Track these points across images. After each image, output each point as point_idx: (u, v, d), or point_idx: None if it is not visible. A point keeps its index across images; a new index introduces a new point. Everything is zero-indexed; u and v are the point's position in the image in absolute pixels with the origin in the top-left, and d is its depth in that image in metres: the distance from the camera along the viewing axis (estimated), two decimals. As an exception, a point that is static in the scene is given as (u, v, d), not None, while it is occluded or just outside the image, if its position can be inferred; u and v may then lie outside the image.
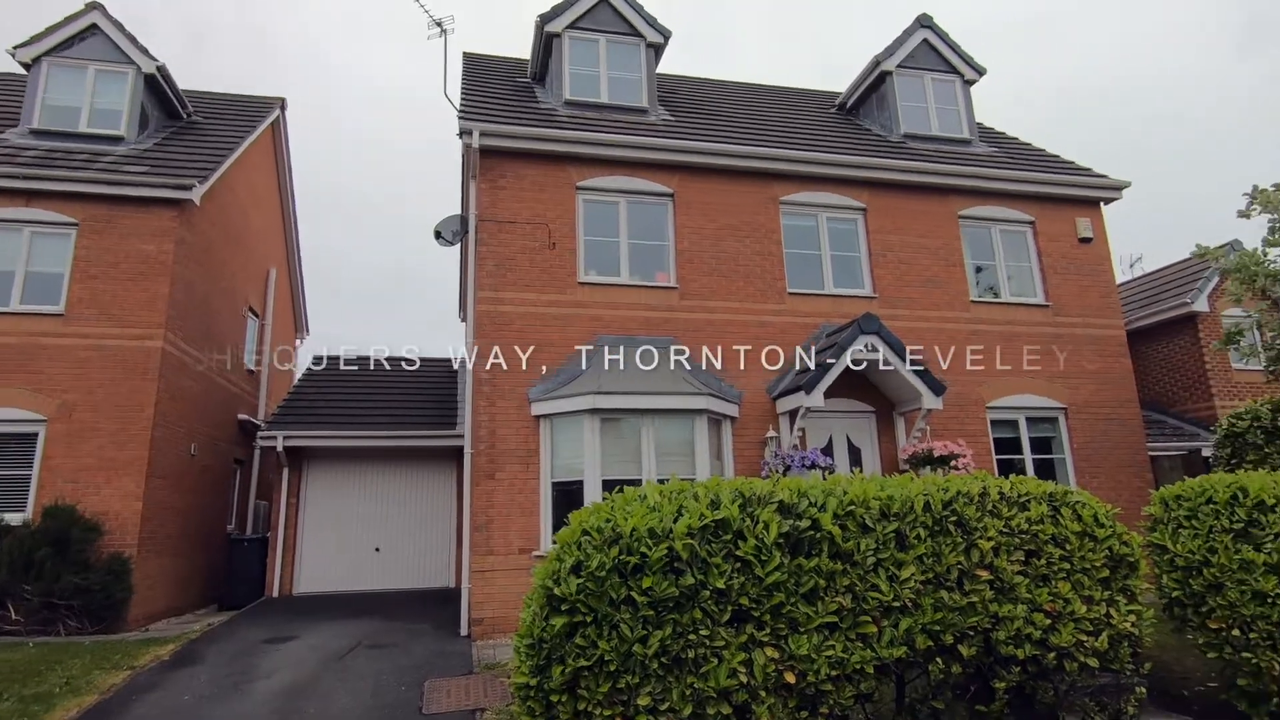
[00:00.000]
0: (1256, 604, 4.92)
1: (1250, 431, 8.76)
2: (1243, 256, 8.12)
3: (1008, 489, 4.60)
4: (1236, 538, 5.13)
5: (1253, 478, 5.27)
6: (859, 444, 9.40)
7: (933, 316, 9.97)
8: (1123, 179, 10.95)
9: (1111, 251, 10.91)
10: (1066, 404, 10.10)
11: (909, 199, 10.40)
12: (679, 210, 9.54)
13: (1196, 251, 8.48)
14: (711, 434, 8.58)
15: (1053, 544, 4.46)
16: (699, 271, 9.37)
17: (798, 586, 3.98)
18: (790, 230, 9.97)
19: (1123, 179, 10.95)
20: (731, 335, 9.24)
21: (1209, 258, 8.36)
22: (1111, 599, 4.47)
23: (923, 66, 12.14)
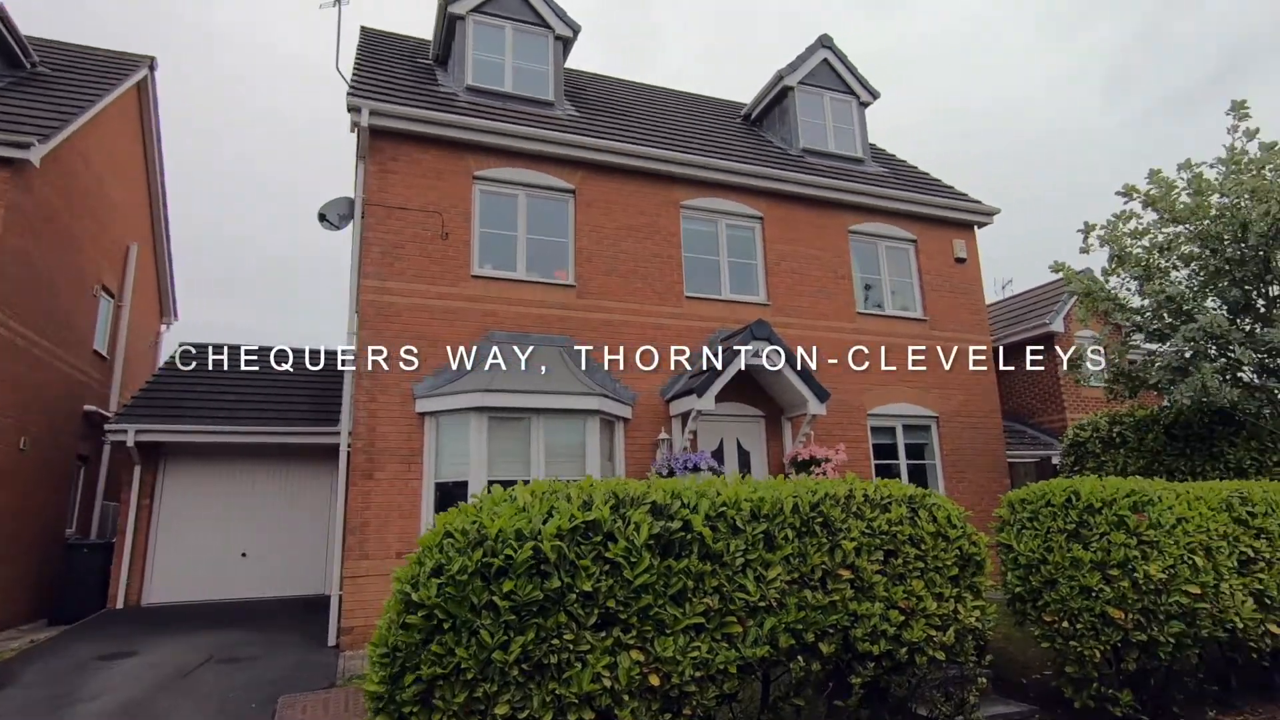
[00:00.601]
0: (1083, 598, 5.38)
1: (1090, 441, 9.65)
2: (1088, 283, 8.93)
3: (871, 491, 4.80)
4: (1069, 537, 5.60)
5: (1085, 482, 5.77)
6: (749, 448, 9.63)
7: (821, 326, 10.37)
8: (994, 205, 11.81)
9: (982, 272, 11.74)
10: (939, 413, 10.78)
11: (804, 211, 10.77)
12: (580, 207, 9.44)
13: (1053, 266, 9.22)
14: (604, 435, 8.52)
15: (910, 544, 4.69)
16: (598, 271, 9.31)
17: (667, 588, 3.97)
18: (690, 234, 10.09)
19: (994, 205, 11.81)
20: (628, 336, 9.23)
21: (1063, 275, 9.11)
22: (959, 596, 4.75)
23: (823, 85, 12.63)
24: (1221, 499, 6.00)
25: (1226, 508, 5.97)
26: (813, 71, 12.52)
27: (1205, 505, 5.85)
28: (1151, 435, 8.94)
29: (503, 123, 9.06)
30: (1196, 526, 5.64)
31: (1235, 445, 8.24)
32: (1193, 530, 5.59)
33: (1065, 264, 9.34)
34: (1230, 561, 5.68)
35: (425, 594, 3.52)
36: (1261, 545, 5.90)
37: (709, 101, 14.46)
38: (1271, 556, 5.91)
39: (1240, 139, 8.46)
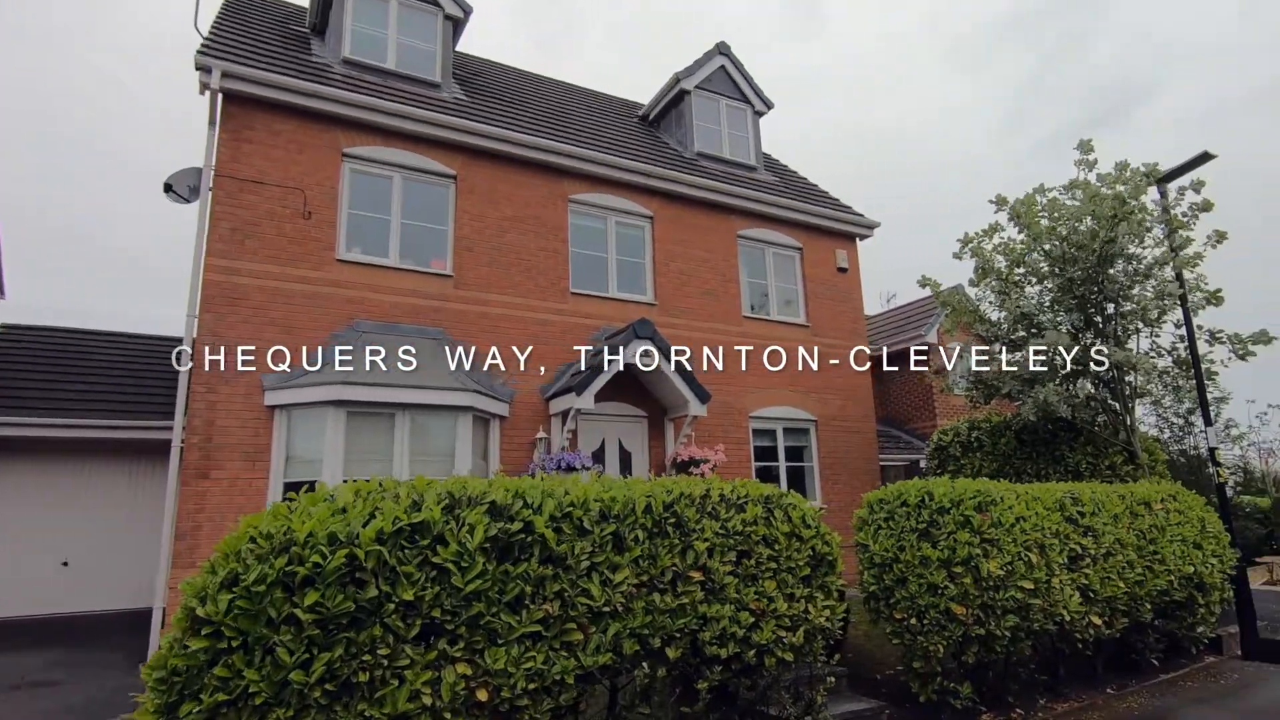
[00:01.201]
0: (929, 595, 5.55)
1: (952, 445, 10.18)
2: (952, 294, 9.42)
3: (728, 491, 4.73)
4: (920, 536, 5.78)
5: (938, 483, 5.98)
6: (631, 448, 9.49)
7: (708, 328, 10.40)
8: (874, 219, 12.31)
9: (862, 282, 12.20)
10: (817, 416, 11.07)
11: (695, 214, 10.79)
12: (462, 194, 9.00)
13: (921, 281, 9.69)
14: (478, 434, 8.13)
15: (764, 544, 4.64)
16: (478, 261, 8.90)
17: (502, 595, 3.71)
18: (578, 230, 9.86)
19: (874, 219, 12.31)
20: (509, 331, 8.88)
21: (929, 287, 9.57)
22: (811, 596, 4.75)
23: (719, 91, 12.75)
24: (1056, 499, 6.39)
25: (1060, 508, 6.36)
26: (710, 77, 12.62)
27: (1041, 505, 6.20)
28: (1004, 440, 9.52)
29: (376, 98, 8.49)
30: (1033, 525, 5.96)
31: (1074, 450, 8.89)
32: (1029, 529, 5.91)
33: (931, 278, 9.81)
34: (1061, 558, 6.04)
35: (213, 609, 3.10)
36: (1088, 542, 6.32)
37: (608, 99, 14.31)
38: (1096, 553, 6.34)
39: (1083, 170, 9.16)
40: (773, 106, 13.18)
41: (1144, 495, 7.18)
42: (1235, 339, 8.37)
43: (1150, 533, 6.89)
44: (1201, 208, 8.32)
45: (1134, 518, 6.89)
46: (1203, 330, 8.66)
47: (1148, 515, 7.03)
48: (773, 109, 13.23)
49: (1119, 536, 6.58)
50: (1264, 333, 8.30)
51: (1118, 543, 6.54)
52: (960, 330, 10.77)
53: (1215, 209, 8.39)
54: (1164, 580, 6.74)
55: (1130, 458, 8.64)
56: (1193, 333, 8.39)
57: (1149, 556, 6.75)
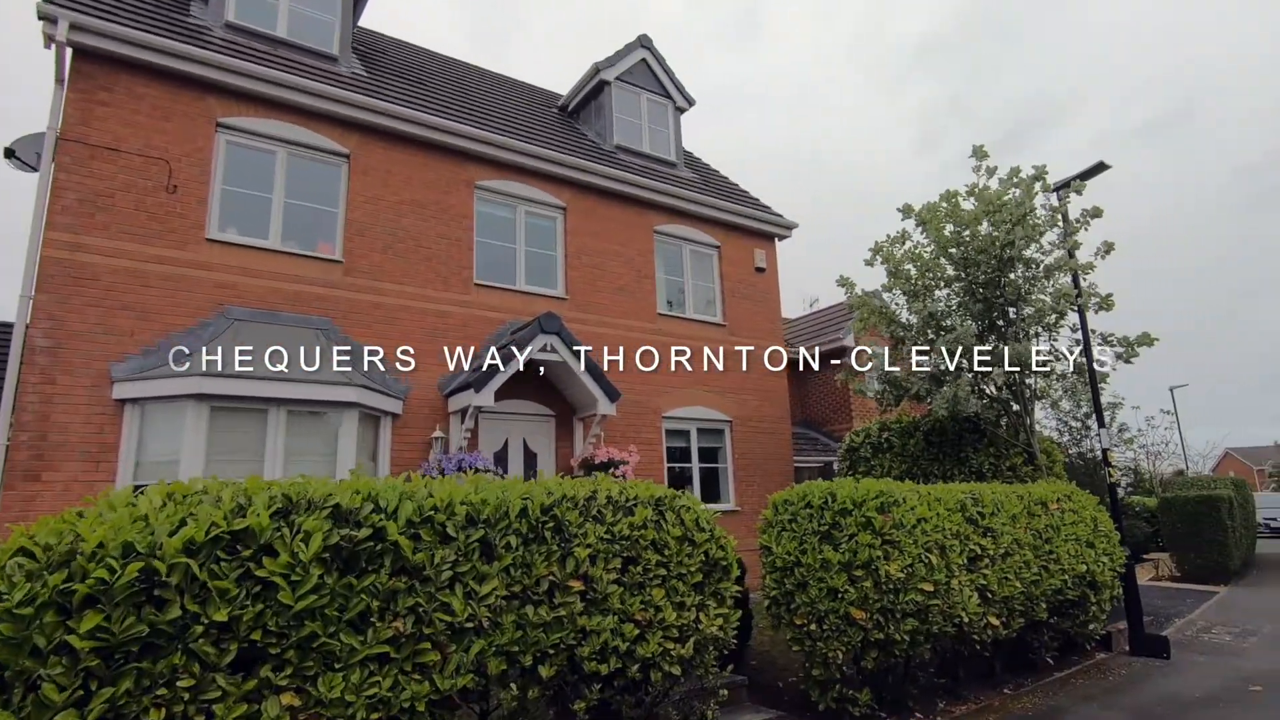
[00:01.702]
0: (829, 599, 5.36)
1: (863, 447, 10.20)
2: (865, 298, 9.43)
3: (616, 493, 4.37)
4: (822, 539, 5.58)
5: (842, 484, 5.82)
6: (536, 448, 9.04)
7: (621, 324, 10.07)
8: (793, 220, 12.30)
9: (780, 283, 12.16)
10: (733, 417, 10.91)
11: (611, 207, 10.45)
12: (355, 174, 8.34)
13: (839, 281, 9.66)
14: (365, 432, 7.50)
15: (653, 549, 4.31)
16: (372, 247, 8.26)
17: (343, 612, 3.22)
18: (485, 218, 9.34)
19: (793, 220, 12.30)
20: (405, 322, 8.28)
21: (844, 289, 9.55)
22: (703, 604, 4.45)
23: (640, 85, 12.48)
24: (957, 500, 6.35)
25: (961, 508, 6.32)
26: (630, 69, 12.33)
27: (943, 506, 6.14)
28: (913, 441, 9.59)
29: (257, 65, 7.75)
30: (934, 526, 5.88)
31: (978, 451, 9.03)
32: (930, 530, 5.82)
33: (849, 278, 9.80)
34: (961, 559, 5.98)
35: (-44, 639, 2.49)
36: (988, 543, 6.30)
37: (529, 89, 13.82)
38: (995, 553, 6.33)
39: (982, 176, 9.34)
40: (694, 103, 13.02)
41: (1041, 495, 7.28)
42: (1123, 342, 8.68)
43: (1046, 532, 6.98)
44: (1092, 214, 8.58)
45: (1031, 518, 6.96)
46: (1095, 334, 8.95)
47: (1044, 515, 7.12)
48: (694, 105, 13.10)
49: (1017, 536, 6.61)
50: (1146, 335, 8.64)
51: (1016, 543, 6.57)
52: (871, 333, 10.85)
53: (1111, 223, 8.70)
54: (1059, 579, 6.82)
55: (1029, 459, 8.83)
56: (1088, 336, 8.65)
57: (1045, 556, 6.82)
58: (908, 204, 9.27)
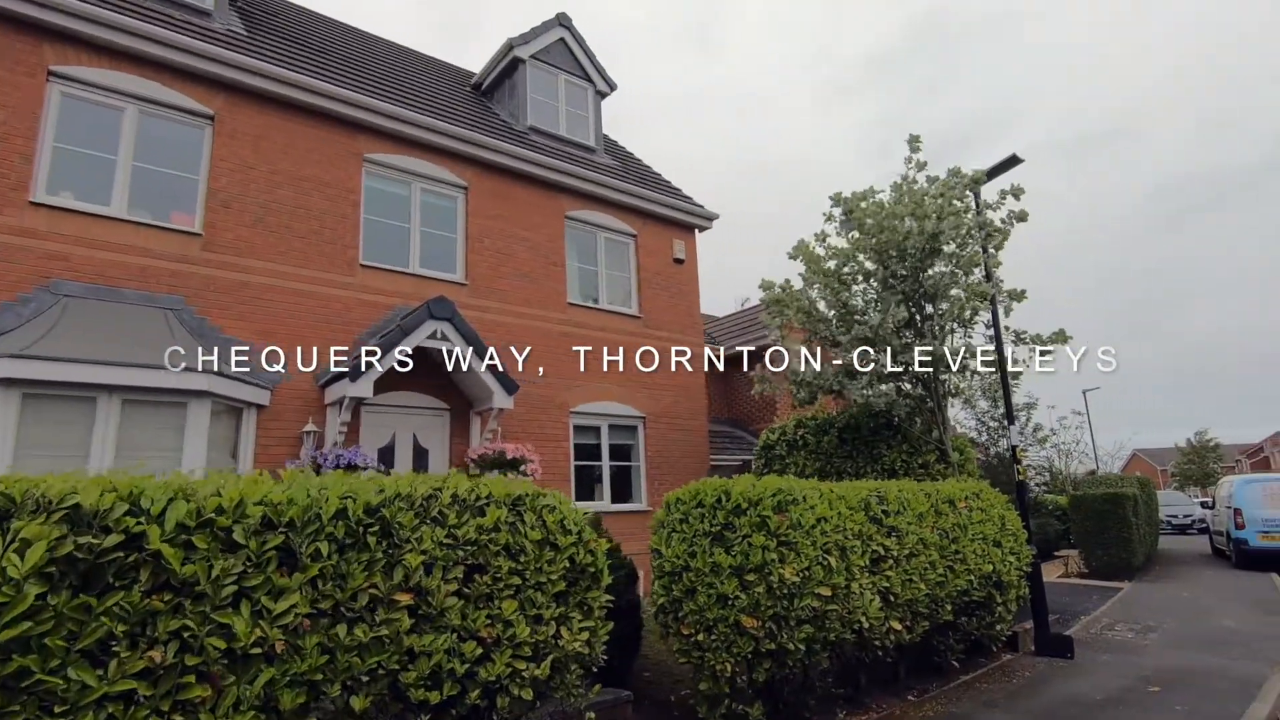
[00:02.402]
0: (719, 607, 4.90)
1: (778, 444, 9.89)
2: (780, 294, 9.08)
3: (465, 491, 3.78)
4: (714, 541, 5.13)
5: (737, 481, 5.39)
6: (428, 444, 8.33)
7: (527, 313, 9.46)
8: (713, 211, 11.95)
9: (699, 275, 11.78)
10: (646, 413, 10.44)
11: (518, 188, 9.83)
12: (221, 139, 7.47)
13: (762, 284, 9.29)
14: (221, 425, 6.66)
15: (505, 555, 3.73)
16: (239, 220, 7.41)
17: (74, 640, 2.53)
18: (376, 195, 8.58)
19: (713, 211, 11.95)
20: (276, 304, 7.45)
21: (761, 285, 9.21)
22: (565, 616, 3.90)
23: (558, 65, 11.89)
24: (861, 498, 6.02)
25: (865, 507, 5.99)
26: (548, 48, 11.73)
27: (845, 504, 5.79)
28: (827, 438, 9.33)
29: (99, 8, 6.81)
30: (835, 526, 5.51)
31: (891, 448, 8.82)
32: (830, 530, 5.45)
33: (771, 280, 9.44)
34: (862, 560, 5.64)
35: None
36: (892, 543, 5.99)
37: (442, 65, 13.05)
38: (899, 554, 6.03)
39: (912, 169, 9.16)
40: (616, 87, 12.53)
41: (949, 493, 7.06)
42: (1036, 339, 8.62)
43: (953, 531, 6.75)
44: (1019, 218, 8.49)
45: (938, 516, 6.71)
46: (1009, 331, 8.88)
47: (951, 514, 6.89)
48: (616, 89, 12.58)
49: (923, 536, 6.34)
50: (1061, 332, 8.60)
51: (921, 543, 6.29)
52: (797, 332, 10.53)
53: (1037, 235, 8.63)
54: (965, 580, 6.59)
55: (942, 456, 8.67)
56: (999, 330, 8.55)
57: (951, 556, 6.58)
58: (838, 193, 8.97)
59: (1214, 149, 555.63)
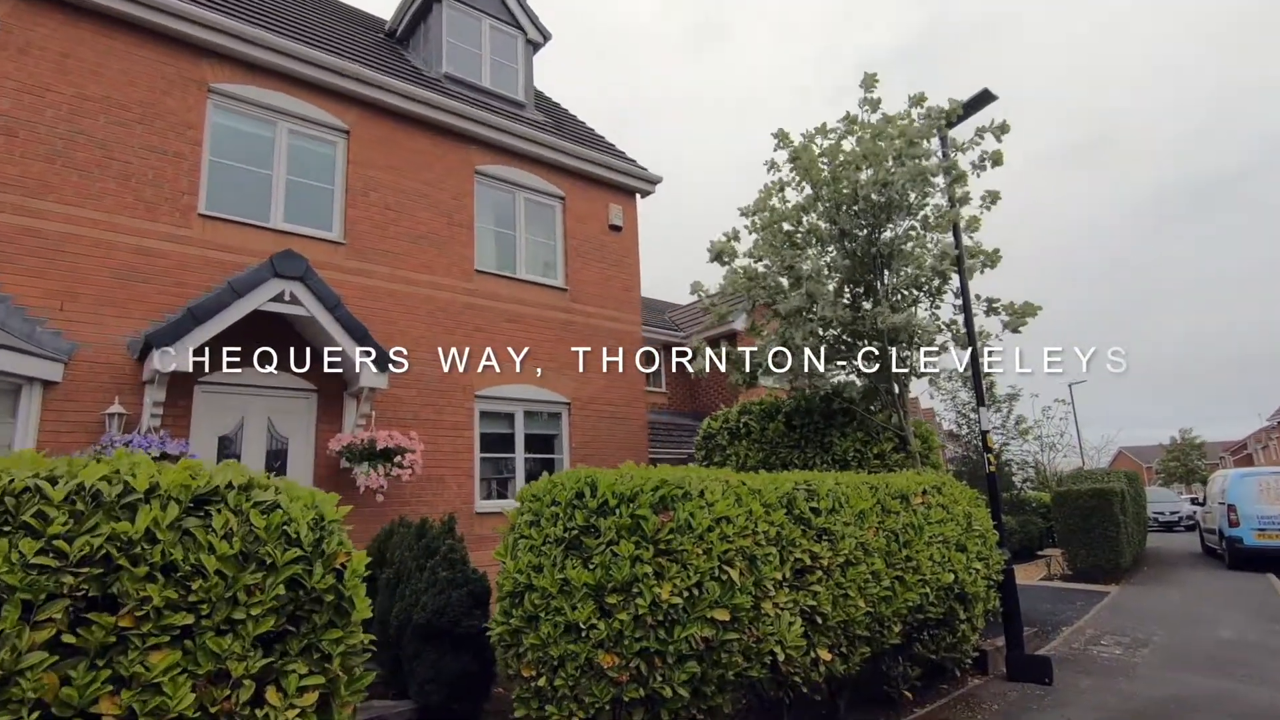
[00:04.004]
0: (568, 640, 3.59)
1: (720, 433, 8.60)
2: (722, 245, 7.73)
3: (106, 483, 2.42)
4: (568, 550, 3.82)
5: (608, 473, 4.09)
6: (288, 432, 6.95)
7: (422, 280, 8.09)
8: (656, 174, 10.64)
9: (640, 244, 10.46)
10: (571, 399, 9.10)
11: (414, 137, 8.46)
12: (8, 54, 6.04)
13: (709, 247, 7.93)
14: (-14, 404, 5.26)
15: (165, 579, 2.38)
16: (28, 154, 5.99)
17: None
18: (224, 132, 7.17)
19: (656, 174, 10.64)
20: (80, 259, 6.05)
21: (710, 248, 7.84)
22: (274, 670, 2.54)
23: (481, 9, 10.52)
24: (784, 492, 4.72)
25: (787, 504, 4.69)
26: (469, -13, 10.35)
27: (760, 501, 4.49)
28: (773, 425, 8.05)
29: None
30: (741, 529, 4.20)
31: (845, 436, 7.54)
32: (734, 533, 4.14)
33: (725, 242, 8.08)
34: (779, 572, 4.33)
35: None
36: (822, 550, 4.70)
37: (354, 12, 11.61)
38: (832, 563, 4.73)
39: (866, 111, 7.87)
40: (550, 38, 11.17)
41: (901, 487, 5.78)
42: (1009, 308, 7.37)
43: (905, 534, 5.47)
44: (993, 160, 7.22)
45: (886, 515, 5.43)
46: (980, 299, 7.63)
47: (904, 512, 5.61)
48: (550, 40, 11.23)
49: (864, 540, 5.06)
50: (1029, 304, 7.37)
51: (862, 548, 5.01)
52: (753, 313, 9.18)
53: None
54: (918, 593, 5.31)
55: (902, 444, 7.40)
56: (968, 297, 7.31)
57: (901, 564, 5.29)
58: (783, 129, 7.63)
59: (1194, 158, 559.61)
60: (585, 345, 9.39)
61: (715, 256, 7.63)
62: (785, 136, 7.61)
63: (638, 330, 10.11)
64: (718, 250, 7.59)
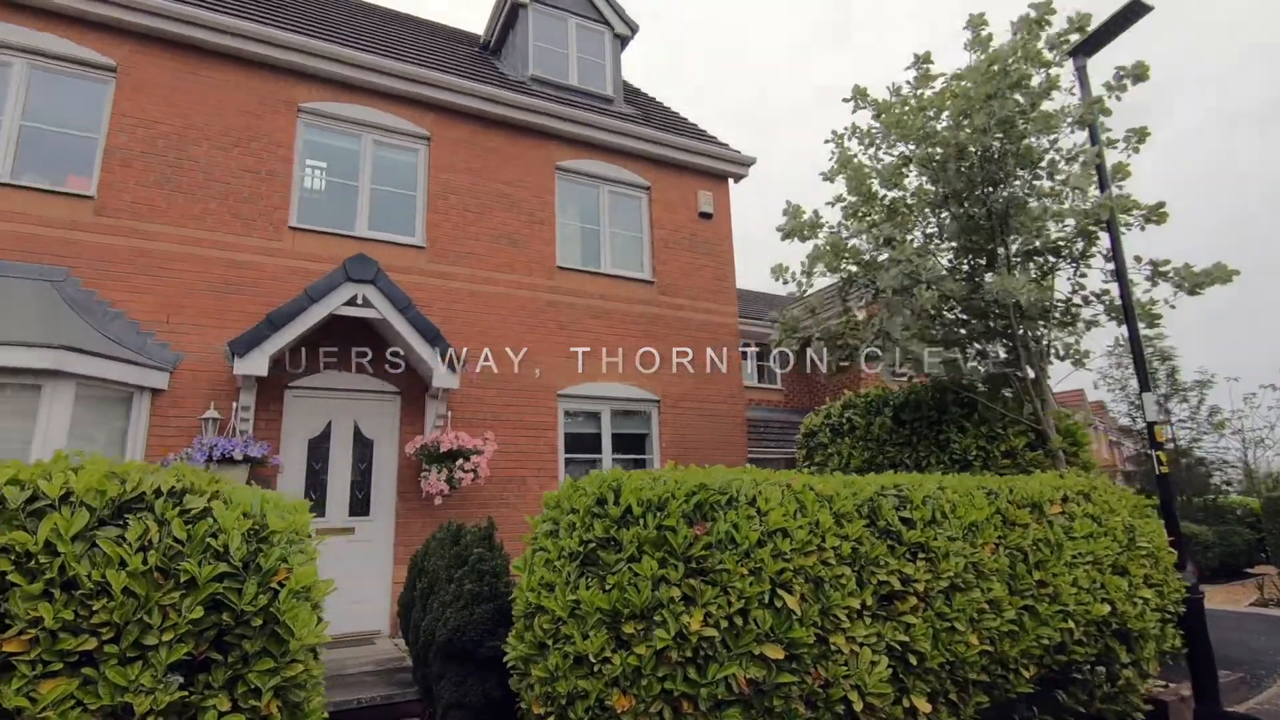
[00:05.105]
0: (578, 674, 3.08)
1: (821, 430, 7.71)
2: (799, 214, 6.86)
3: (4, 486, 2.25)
4: (583, 565, 3.32)
5: (637, 474, 3.53)
6: (373, 434, 7.04)
7: (503, 280, 7.97)
8: (749, 155, 9.88)
9: (734, 231, 9.75)
10: (660, 395, 8.59)
11: (493, 136, 8.38)
12: (124, 91, 6.61)
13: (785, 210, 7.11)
14: (99, 410, 5.72)
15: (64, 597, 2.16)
16: (141, 180, 6.50)
17: None
18: (316, 149, 7.46)
19: (749, 155, 9.88)
20: (183, 274, 6.47)
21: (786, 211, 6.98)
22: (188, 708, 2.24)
23: (567, 9, 10.37)
24: (865, 499, 3.91)
25: (868, 513, 3.87)
26: (553, -13, 10.23)
27: (831, 510, 3.72)
28: (879, 420, 7.04)
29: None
30: (802, 544, 3.48)
31: (965, 432, 6.39)
32: (791, 550, 3.43)
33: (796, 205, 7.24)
34: (857, 599, 3.55)
35: None
36: (916, 570, 3.83)
37: (449, 30, 11.93)
38: (929, 588, 3.85)
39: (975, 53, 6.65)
40: (638, 30, 10.80)
41: (1031, 493, 4.68)
42: (1184, 271, 5.88)
43: (1037, 552, 4.40)
44: (1135, 75, 5.79)
45: (1009, 528, 4.40)
46: (1143, 262, 6.18)
47: (1035, 525, 4.53)
48: (638, 32, 10.85)
49: (977, 560, 4.09)
50: (1221, 266, 5.81)
51: (974, 569, 4.06)
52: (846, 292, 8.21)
53: None
54: (1056, 629, 4.23)
55: (1038, 440, 6.14)
56: (1122, 260, 5.93)
57: (1032, 591, 4.25)
58: (858, 86, 6.68)
59: None
60: (674, 339, 8.86)
61: (789, 234, 6.78)
62: (864, 94, 6.62)
63: (733, 322, 9.40)
64: (791, 227, 6.73)
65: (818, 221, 6.90)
